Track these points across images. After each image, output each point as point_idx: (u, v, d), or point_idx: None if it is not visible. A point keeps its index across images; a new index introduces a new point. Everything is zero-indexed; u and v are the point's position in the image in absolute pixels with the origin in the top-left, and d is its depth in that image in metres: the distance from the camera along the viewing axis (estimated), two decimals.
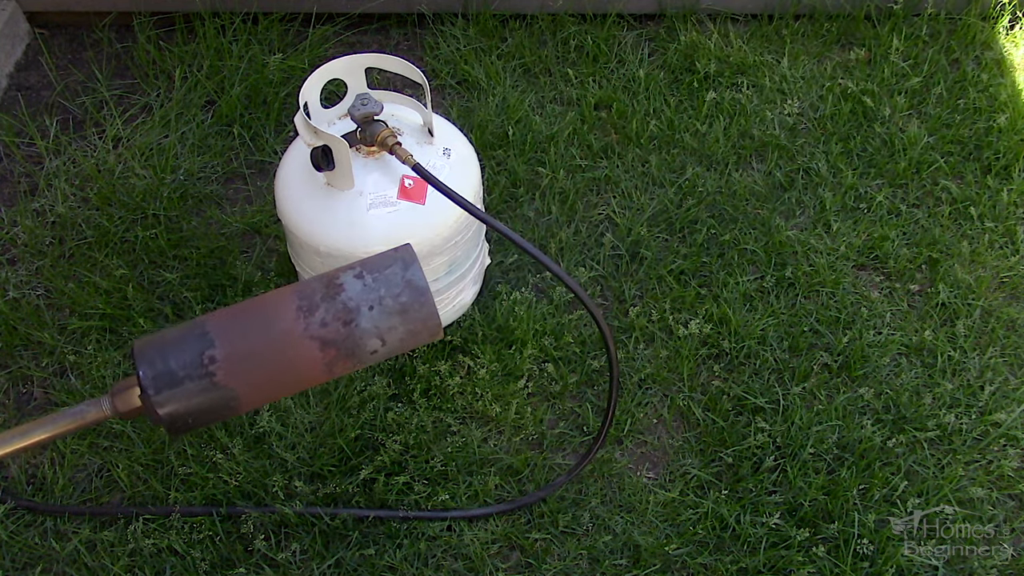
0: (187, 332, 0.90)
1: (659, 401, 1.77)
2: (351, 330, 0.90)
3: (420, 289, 0.92)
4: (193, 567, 1.54)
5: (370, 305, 0.91)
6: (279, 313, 0.91)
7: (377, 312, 0.91)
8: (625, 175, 2.10)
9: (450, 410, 1.72)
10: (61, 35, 2.44)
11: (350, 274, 0.93)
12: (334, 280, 0.92)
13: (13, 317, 1.84)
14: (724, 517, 1.60)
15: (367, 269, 0.93)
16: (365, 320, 0.91)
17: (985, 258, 1.97)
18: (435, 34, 2.39)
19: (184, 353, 0.88)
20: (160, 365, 0.87)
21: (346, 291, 0.91)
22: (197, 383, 0.87)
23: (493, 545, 1.59)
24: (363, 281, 0.92)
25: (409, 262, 0.93)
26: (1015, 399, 1.76)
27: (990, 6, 2.41)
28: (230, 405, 0.90)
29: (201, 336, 0.89)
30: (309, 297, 0.91)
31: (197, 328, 0.90)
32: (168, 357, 0.88)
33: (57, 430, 0.91)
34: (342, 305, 0.91)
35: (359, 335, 0.91)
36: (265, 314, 0.92)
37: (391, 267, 0.93)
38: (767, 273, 1.93)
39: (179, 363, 0.87)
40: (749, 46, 2.36)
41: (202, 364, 0.87)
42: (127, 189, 2.03)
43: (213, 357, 0.88)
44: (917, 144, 2.14)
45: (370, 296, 0.91)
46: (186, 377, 0.87)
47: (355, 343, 0.91)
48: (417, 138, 1.57)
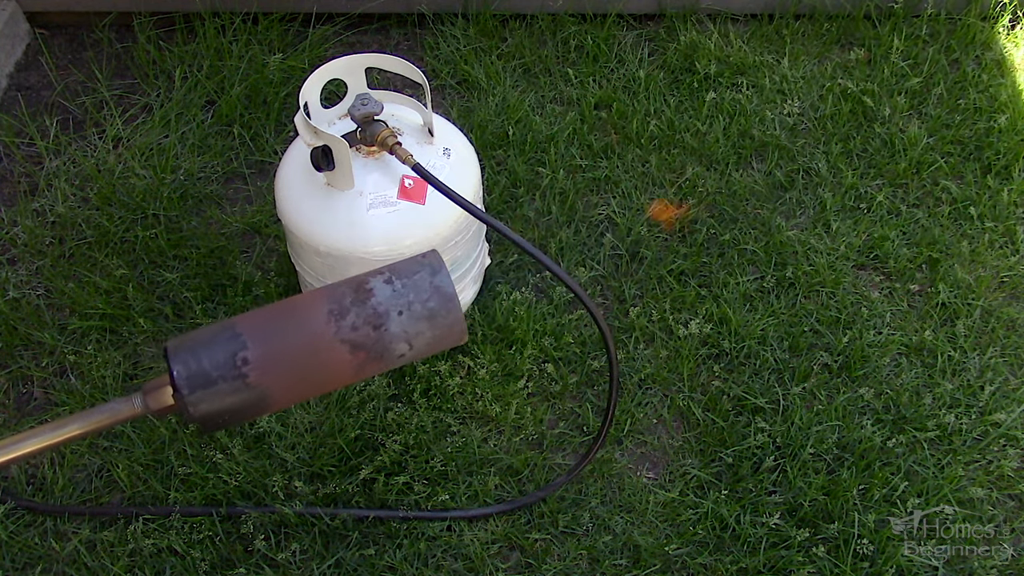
0: (219, 333, 0.92)
1: (659, 401, 1.77)
2: (381, 334, 0.92)
3: (448, 295, 0.94)
4: (193, 567, 1.54)
5: (399, 310, 0.93)
6: (310, 316, 0.93)
7: (406, 317, 0.93)
8: (625, 175, 2.10)
9: (450, 410, 1.72)
10: (61, 35, 2.44)
11: (379, 279, 0.95)
12: (363, 285, 0.95)
13: (13, 317, 1.84)
14: (724, 517, 1.61)
15: (396, 275, 0.95)
16: (394, 325, 0.92)
17: (985, 258, 1.97)
18: (435, 34, 2.39)
19: (217, 354, 0.89)
20: (194, 365, 0.88)
21: (376, 296, 0.93)
22: (230, 384, 0.89)
23: (493, 545, 1.59)
24: (392, 287, 0.94)
25: (437, 268, 0.95)
26: (1015, 399, 1.76)
27: (990, 6, 2.41)
28: (261, 405, 0.91)
29: (234, 337, 0.90)
30: (339, 301, 0.93)
31: (229, 329, 0.92)
32: (201, 357, 0.89)
33: (91, 426, 0.92)
34: (372, 310, 0.92)
35: (388, 339, 0.93)
36: (296, 317, 0.94)
37: (419, 273, 0.95)
38: (767, 273, 1.93)
39: (212, 363, 0.89)
40: (749, 46, 2.36)
41: (235, 365, 0.89)
42: (127, 189, 2.03)
43: (246, 359, 0.89)
44: (917, 144, 2.14)
45: (399, 301, 0.93)
46: (219, 377, 0.88)
47: (384, 347, 0.93)
48: (417, 138, 1.57)
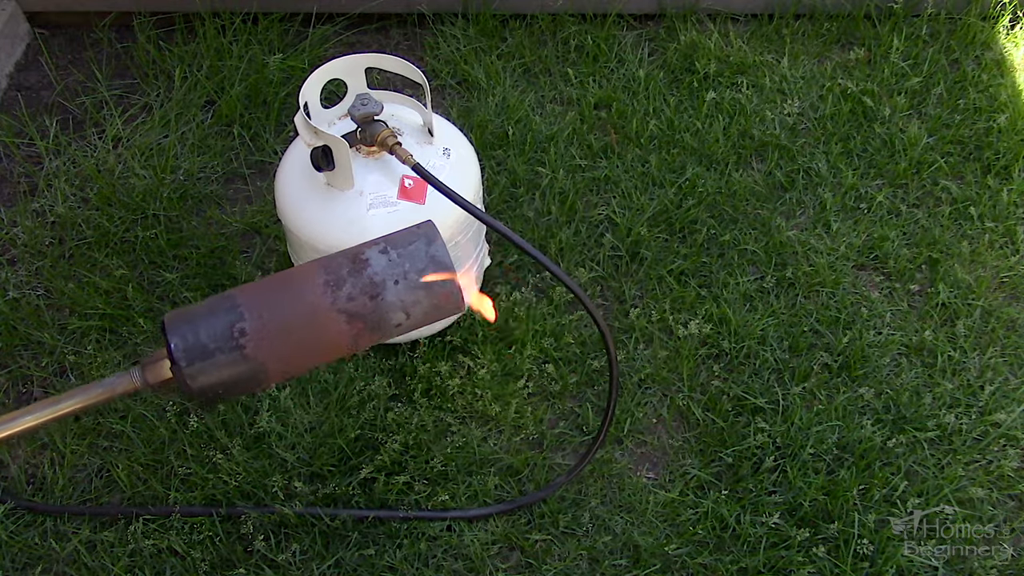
0: (217, 305, 0.92)
1: (659, 401, 1.77)
2: (377, 304, 0.93)
3: (444, 264, 0.94)
4: (193, 568, 1.54)
5: (395, 279, 0.93)
6: (307, 287, 0.93)
7: (402, 286, 0.93)
8: (625, 175, 2.10)
9: (450, 410, 1.72)
10: (61, 35, 2.44)
11: (375, 249, 0.95)
12: (359, 255, 0.95)
13: (13, 317, 1.84)
14: (724, 517, 1.60)
15: (391, 245, 0.96)
16: (391, 294, 0.93)
17: (985, 258, 1.97)
18: (435, 34, 2.39)
19: (214, 326, 0.89)
20: (191, 337, 0.88)
21: (372, 266, 0.94)
22: (228, 355, 0.88)
23: (493, 545, 1.59)
24: (388, 256, 0.94)
25: (432, 238, 0.96)
26: (1015, 399, 1.76)
27: (990, 6, 2.41)
28: (258, 377, 0.91)
29: (231, 309, 0.90)
30: (336, 272, 0.94)
31: (227, 301, 0.92)
32: (199, 329, 0.89)
33: (88, 401, 0.92)
34: (368, 280, 0.93)
35: (385, 309, 0.93)
36: (293, 288, 0.94)
37: (415, 243, 0.95)
38: (767, 273, 1.93)
39: (209, 335, 0.88)
40: (749, 46, 2.36)
41: (232, 336, 0.89)
42: (127, 189, 2.03)
43: (243, 330, 0.89)
44: (917, 144, 2.14)
45: (395, 271, 0.93)
46: (217, 349, 0.88)
47: (381, 316, 0.93)
48: (417, 138, 1.57)
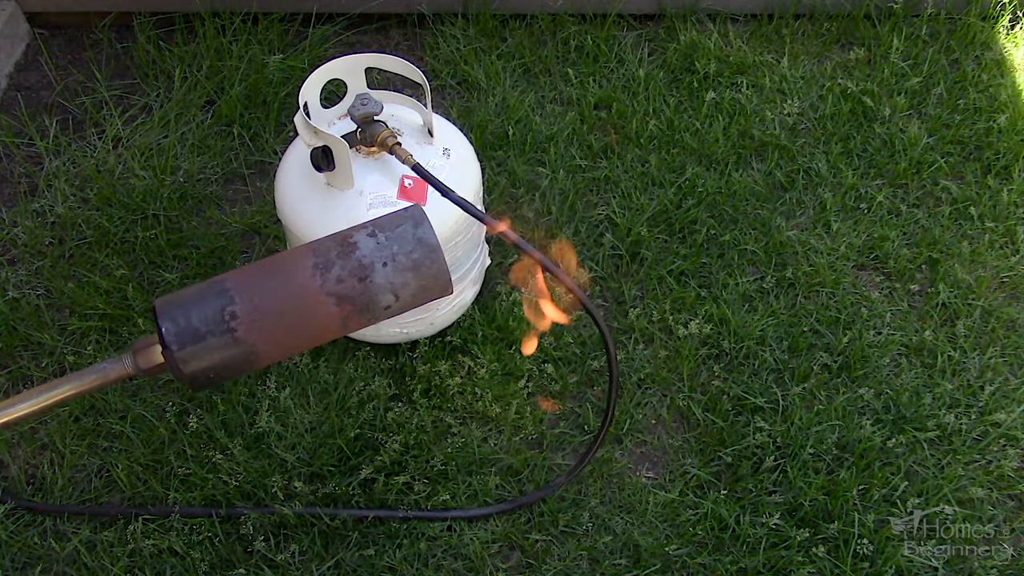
0: (207, 289, 0.93)
1: (658, 401, 1.77)
2: (366, 286, 0.94)
3: (431, 246, 0.95)
4: (193, 568, 1.54)
5: (384, 262, 0.94)
6: (296, 270, 0.94)
7: (391, 268, 0.94)
8: (625, 175, 2.10)
9: (450, 410, 1.72)
10: (61, 35, 2.44)
11: (363, 232, 0.96)
12: (348, 239, 0.96)
13: (13, 317, 1.84)
14: (724, 517, 1.60)
15: (379, 228, 0.97)
16: (379, 276, 0.94)
17: (985, 258, 1.97)
18: (435, 34, 2.39)
19: (205, 309, 0.90)
20: (182, 321, 0.89)
21: (360, 249, 0.95)
22: (219, 339, 0.89)
23: (493, 545, 1.59)
24: (376, 239, 0.95)
25: (419, 220, 0.97)
26: (1015, 399, 1.76)
27: (990, 6, 2.41)
28: (249, 360, 0.92)
29: (221, 293, 0.91)
30: (325, 255, 0.95)
31: (217, 285, 0.93)
32: (190, 313, 0.89)
33: (83, 387, 0.93)
34: (357, 262, 0.94)
35: (373, 291, 0.94)
36: (283, 271, 0.95)
37: (402, 225, 0.97)
38: (767, 273, 1.93)
39: (200, 319, 0.89)
40: (749, 46, 2.36)
41: (223, 320, 0.89)
42: (127, 189, 2.03)
43: (234, 313, 0.90)
44: (917, 144, 2.14)
45: (383, 253, 0.95)
46: (208, 333, 0.89)
47: (370, 298, 0.95)
48: (417, 138, 1.57)
